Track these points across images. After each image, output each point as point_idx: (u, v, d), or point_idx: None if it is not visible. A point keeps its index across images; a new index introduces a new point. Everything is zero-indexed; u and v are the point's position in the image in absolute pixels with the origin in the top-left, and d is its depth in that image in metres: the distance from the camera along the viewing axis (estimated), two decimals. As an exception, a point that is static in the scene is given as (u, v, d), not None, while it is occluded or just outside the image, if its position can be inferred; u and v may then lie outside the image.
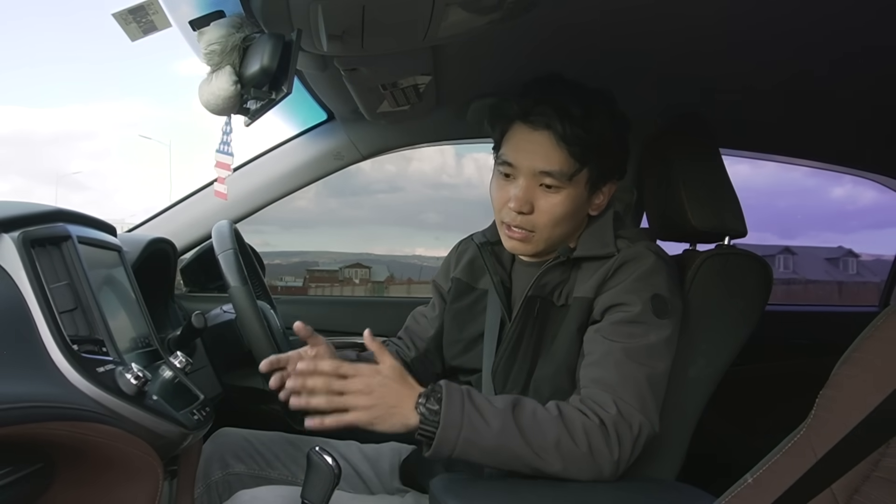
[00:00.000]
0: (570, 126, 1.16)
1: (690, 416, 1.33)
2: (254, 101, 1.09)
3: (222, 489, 1.37)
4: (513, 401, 1.08)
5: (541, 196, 1.21)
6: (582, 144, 1.17)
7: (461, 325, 1.38)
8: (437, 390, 1.07)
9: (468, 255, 1.42)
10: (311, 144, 1.92)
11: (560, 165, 1.18)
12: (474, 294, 1.38)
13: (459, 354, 1.38)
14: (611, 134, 1.21)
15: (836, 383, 0.73)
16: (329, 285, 3.33)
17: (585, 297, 1.20)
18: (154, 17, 1.07)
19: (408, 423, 1.05)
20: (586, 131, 1.17)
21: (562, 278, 1.25)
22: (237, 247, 1.38)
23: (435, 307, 1.49)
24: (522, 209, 1.20)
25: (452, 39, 1.12)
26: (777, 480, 0.72)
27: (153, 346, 1.24)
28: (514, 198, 1.20)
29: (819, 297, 3.76)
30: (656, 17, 1.16)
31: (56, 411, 0.85)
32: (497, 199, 1.25)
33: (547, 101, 1.18)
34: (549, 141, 1.18)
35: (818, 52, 1.28)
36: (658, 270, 1.19)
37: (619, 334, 1.14)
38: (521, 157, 1.20)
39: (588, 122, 1.17)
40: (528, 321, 1.25)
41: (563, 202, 1.20)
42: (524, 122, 1.21)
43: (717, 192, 1.45)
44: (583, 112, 1.17)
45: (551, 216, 1.21)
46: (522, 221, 1.21)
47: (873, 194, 2.61)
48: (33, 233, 0.97)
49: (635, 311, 1.15)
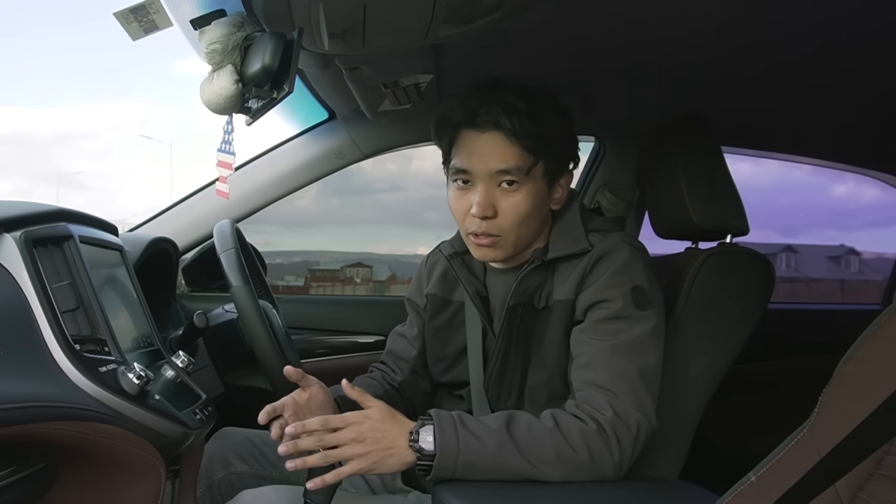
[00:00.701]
0: (519, 120, 1.16)
1: (692, 414, 1.33)
2: (255, 100, 1.09)
3: (224, 489, 1.37)
4: (506, 418, 1.08)
5: (502, 197, 1.19)
6: (533, 137, 1.16)
7: (444, 342, 1.37)
8: (427, 421, 1.07)
9: (439, 268, 1.41)
10: (313, 143, 1.92)
11: (516, 161, 1.17)
12: (451, 307, 1.37)
13: (447, 371, 1.37)
14: (559, 124, 1.21)
15: (839, 381, 0.72)
16: (330, 285, 3.33)
17: (566, 299, 1.20)
18: (155, 16, 1.07)
19: (406, 461, 1.06)
20: (535, 124, 1.16)
21: (540, 281, 1.23)
22: (239, 246, 1.38)
23: (414, 325, 1.47)
24: (486, 213, 1.18)
25: (454, 38, 1.11)
26: (780, 479, 0.72)
27: (155, 345, 1.24)
28: (475, 204, 1.18)
29: (821, 295, 3.76)
30: (657, 16, 1.16)
31: (58, 411, 0.85)
32: (458, 210, 1.23)
33: (492, 101, 1.17)
34: (501, 139, 1.17)
35: (821, 51, 1.28)
36: (634, 261, 1.18)
37: (604, 332, 1.14)
38: (476, 162, 1.19)
39: (535, 115, 1.17)
40: (512, 331, 1.24)
41: (524, 199, 1.19)
42: (472, 127, 1.20)
43: (719, 190, 1.45)
44: (528, 106, 1.17)
45: (516, 216, 1.19)
46: (488, 227, 1.19)
47: (875, 192, 2.61)
48: (35, 232, 0.97)
49: (617, 306, 1.14)
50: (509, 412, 1.10)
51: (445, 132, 1.24)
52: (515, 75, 1.20)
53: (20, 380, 0.83)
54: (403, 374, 1.44)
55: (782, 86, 1.51)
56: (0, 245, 0.93)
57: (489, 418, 1.09)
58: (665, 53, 1.35)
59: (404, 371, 1.44)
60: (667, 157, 1.48)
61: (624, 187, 1.98)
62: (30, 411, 0.80)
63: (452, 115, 1.22)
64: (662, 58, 1.37)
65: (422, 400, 1.43)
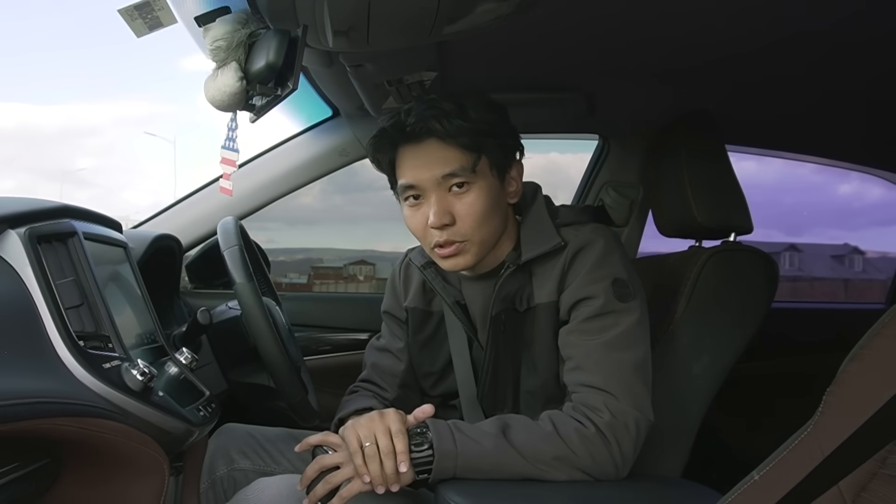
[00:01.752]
0: (449, 120, 1.15)
1: (696, 413, 1.33)
2: (259, 98, 1.09)
3: (227, 485, 1.38)
4: (501, 425, 1.07)
5: (455, 202, 1.17)
6: (467, 133, 1.15)
7: (432, 355, 1.36)
8: (421, 431, 1.07)
9: (416, 280, 1.39)
10: (317, 141, 1.92)
11: (459, 162, 1.16)
12: (433, 319, 1.36)
13: (437, 383, 1.37)
14: (492, 116, 1.20)
15: (843, 380, 0.72)
16: (333, 282, 3.33)
17: (549, 301, 1.19)
18: (160, 14, 1.07)
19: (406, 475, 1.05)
20: (466, 120, 1.15)
21: (518, 285, 1.22)
22: (242, 243, 1.38)
23: (397, 338, 1.43)
24: (444, 221, 1.16)
25: (458, 36, 1.11)
26: (784, 478, 0.71)
27: (159, 342, 1.24)
28: (431, 214, 1.16)
29: (825, 294, 3.75)
30: (662, 14, 1.16)
31: (62, 407, 0.85)
32: (416, 227, 1.21)
33: (418, 110, 1.17)
34: (437, 144, 1.16)
35: (825, 49, 1.28)
36: (611, 252, 1.17)
37: (590, 331, 1.13)
38: (420, 173, 1.18)
39: (464, 112, 1.16)
40: (499, 339, 1.23)
41: (478, 198, 1.17)
42: (406, 142, 1.19)
43: (723, 188, 1.45)
44: (455, 105, 1.16)
45: (474, 216, 1.17)
46: (449, 235, 1.17)
47: (880, 191, 2.60)
48: (40, 229, 0.97)
49: (599, 302, 1.13)
50: (503, 420, 1.10)
51: (383, 155, 1.23)
52: (519, 73, 1.20)
53: (24, 376, 0.83)
54: (393, 391, 1.40)
55: (787, 84, 1.51)
56: (5, 241, 0.93)
57: (484, 423, 1.09)
58: (669, 52, 1.34)
59: (393, 388, 1.40)
60: (671, 155, 1.48)
61: (628, 185, 1.98)
62: (34, 407, 0.80)
63: (385, 136, 1.21)
64: (667, 56, 1.37)
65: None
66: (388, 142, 1.21)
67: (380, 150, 1.23)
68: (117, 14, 1.05)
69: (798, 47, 1.28)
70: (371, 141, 1.24)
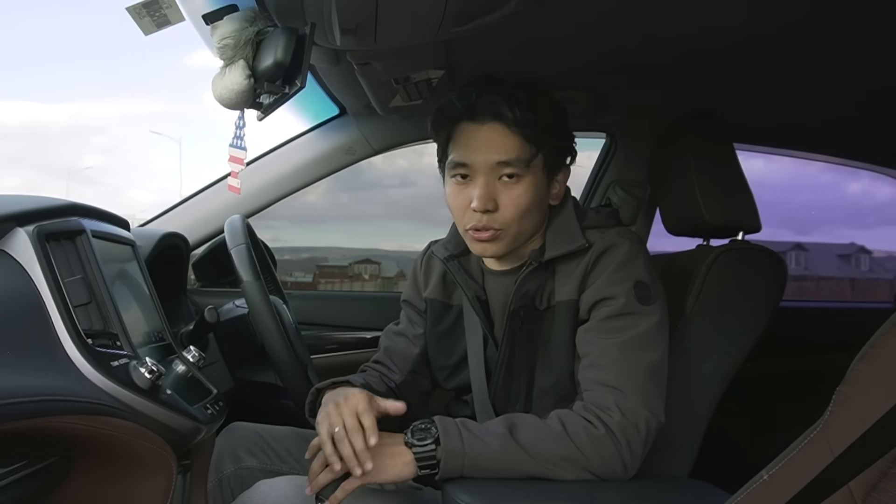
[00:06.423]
0: (520, 110, 1.15)
1: (704, 412, 1.32)
2: (267, 96, 1.09)
3: (234, 483, 1.38)
4: (508, 425, 1.07)
5: (502, 190, 1.18)
6: (533, 127, 1.16)
7: (448, 349, 1.36)
8: (425, 427, 1.07)
9: (437, 272, 1.38)
10: (323, 139, 1.92)
11: (517, 152, 1.16)
12: (453, 313, 1.36)
13: (452, 377, 1.37)
14: (557, 116, 1.21)
15: (853, 380, 0.72)
16: (339, 281, 3.33)
17: (570, 299, 1.19)
18: (167, 11, 1.07)
19: (409, 467, 1.06)
20: (535, 114, 1.16)
21: (540, 283, 1.22)
22: (250, 241, 1.39)
23: (415, 324, 1.43)
24: (487, 207, 1.16)
25: (466, 34, 1.11)
26: (793, 478, 0.71)
27: (166, 340, 1.24)
28: (476, 198, 1.16)
29: (832, 293, 3.73)
30: (670, 12, 1.15)
31: (71, 405, 0.85)
32: (457, 206, 1.21)
33: (490, 92, 1.17)
34: (501, 130, 1.17)
35: (834, 48, 1.27)
36: (635, 256, 1.17)
37: (609, 330, 1.13)
38: (476, 154, 1.17)
39: (534, 104, 1.17)
40: (515, 335, 1.23)
41: (525, 192, 1.18)
42: (470, 120, 1.19)
43: (731, 187, 1.44)
44: (527, 97, 1.17)
45: (517, 209, 1.17)
46: (489, 221, 1.17)
47: (890, 189, 2.59)
48: (48, 227, 0.97)
49: (620, 303, 1.13)
50: (510, 419, 1.09)
51: (443, 126, 1.23)
52: (526, 71, 1.20)
53: (33, 374, 0.83)
54: (402, 374, 1.39)
55: (796, 82, 1.50)
56: (13, 239, 0.94)
57: (492, 422, 1.09)
58: (677, 50, 1.34)
59: (403, 371, 1.40)
60: (679, 154, 1.47)
61: (635, 184, 1.98)
62: (42, 405, 0.81)
63: (450, 109, 1.21)
64: (675, 55, 1.37)
65: (420, 400, 1.41)
66: (452, 116, 1.21)
67: (441, 122, 1.23)
68: (125, 12, 1.05)
69: (807, 46, 1.27)
70: (434, 113, 1.24)
